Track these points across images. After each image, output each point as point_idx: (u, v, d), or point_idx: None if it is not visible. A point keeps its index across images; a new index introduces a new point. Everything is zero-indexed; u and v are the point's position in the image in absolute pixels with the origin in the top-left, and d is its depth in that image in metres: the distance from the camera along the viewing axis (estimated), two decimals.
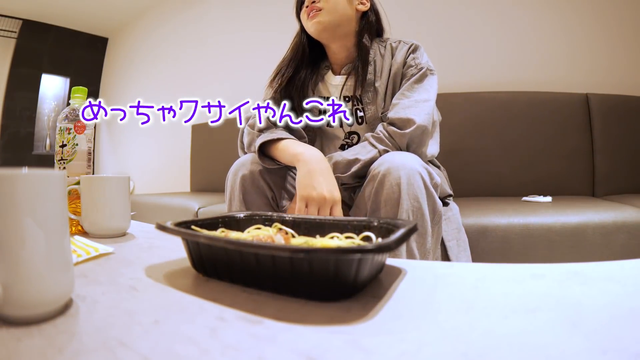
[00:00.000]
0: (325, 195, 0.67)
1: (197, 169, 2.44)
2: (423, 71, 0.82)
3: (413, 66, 0.83)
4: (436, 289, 0.34)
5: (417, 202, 0.64)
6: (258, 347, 0.22)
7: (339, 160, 0.75)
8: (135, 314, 0.28)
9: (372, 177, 0.68)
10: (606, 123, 1.50)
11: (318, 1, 0.83)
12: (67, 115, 0.68)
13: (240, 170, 0.81)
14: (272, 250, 0.30)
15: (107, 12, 3.23)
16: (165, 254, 0.48)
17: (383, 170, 0.66)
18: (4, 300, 0.25)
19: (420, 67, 0.83)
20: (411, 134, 0.73)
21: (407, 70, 0.84)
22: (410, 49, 0.86)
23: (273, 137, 0.78)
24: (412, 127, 0.73)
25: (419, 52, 0.86)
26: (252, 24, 2.43)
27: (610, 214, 1.00)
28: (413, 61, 0.84)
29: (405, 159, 0.67)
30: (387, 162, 0.66)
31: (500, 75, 1.70)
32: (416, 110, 0.75)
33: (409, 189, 0.64)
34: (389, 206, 0.65)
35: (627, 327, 0.24)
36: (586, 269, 0.36)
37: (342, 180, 0.75)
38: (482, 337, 0.23)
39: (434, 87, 0.82)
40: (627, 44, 1.58)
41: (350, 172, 0.74)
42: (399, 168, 0.64)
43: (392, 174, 0.64)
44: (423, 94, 0.79)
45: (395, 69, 0.85)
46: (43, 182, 0.27)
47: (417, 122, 0.73)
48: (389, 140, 0.75)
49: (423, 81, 0.82)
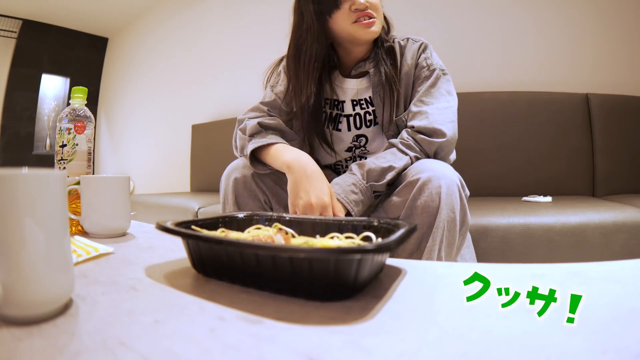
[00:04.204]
0: (312, 202, 0.67)
1: (197, 169, 2.44)
2: (436, 73, 0.80)
3: (425, 67, 0.81)
4: (436, 289, 0.34)
5: (453, 212, 0.64)
6: (258, 347, 0.22)
7: (372, 168, 0.73)
8: (135, 314, 0.28)
9: (409, 183, 0.67)
10: (606, 123, 1.50)
11: (369, 7, 0.78)
12: (67, 115, 0.68)
13: (232, 173, 0.81)
14: (272, 250, 0.30)
15: (107, 12, 3.23)
16: (165, 254, 0.48)
17: (424, 178, 0.65)
18: (4, 300, 0.25)
19: (433, 68, 0.81)
20: (440, 144, 0.74)
21: (419, 71, 0.82)
22: (420, 48, 0.83)
23: (264, 142, 0.78)
24: (442, 139, 0.73)
25: (429, 50, 0.83)
26: (252, 24, 2.43)
27: (610, 214, 1.00)
28: (425, 62, 0.81)
29: (444, 168, 0.67)
30: (428, 170, 0.66)
31: (500, 75, 1.70)
32: (442, 118, 0.75)
33: (448, 199, 0.64)
34: (426, 214, 0.64)
35: (627, 327, 0.24)
36: (586, 269, 0.36)
37: (376, 188, 0.73)
38: (482, 337, 0.23)
39: (452, 91, 0.81)
40: (628, 44, 1.58)
41: (385, 181, 0.72)
42: (440, 177, 0.64)
43: (433, 182, 0.64)
44: (442, 100, 0.78)
45: (407, 70, 0.82)
46: (43, 182, 0.27)
47: (448, 135, 0.74)
48: (418, 147, 0.74)
49: (438, 84, 0.80)
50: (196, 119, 2.56)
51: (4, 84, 3.10)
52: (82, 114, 0.69)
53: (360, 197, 0.72)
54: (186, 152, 2.55)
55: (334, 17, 0.78)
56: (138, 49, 3.31)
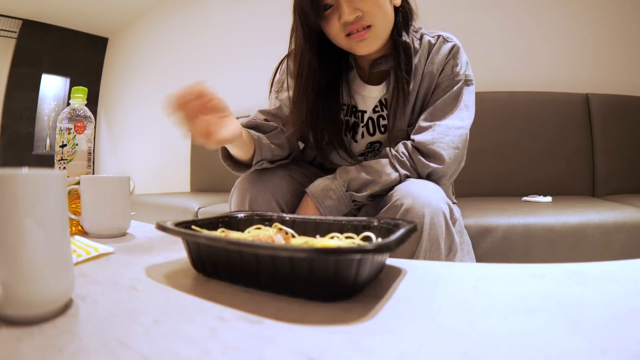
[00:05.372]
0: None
1: (197, 169, 2.44)
2: (460, 85, 0.72)
3: (450, 75, 0.73)
4: (436, 289, 0.34)
5: (437, 242, 0.61)
6: (258, 347, 0.22)
7: (355, 178, 0.69)
8: (135, 314, 0.28)
9: (392, 206, 0.63)
10: (606, 123, 1.50)
11: (362, 16, 0.66)
12: (67, 115, 0.68)
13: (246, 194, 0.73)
14: (272, 250, 0.30)
15: (107, 12, 3.23)
16: (165, 254, 0.48)
17: (407, 204, 0.61)
18: (4, 300, 0.25)
19: (458, 79, 0.72)
20: (435, 169, 0.69)
21: (443, 78, 0.73)
22: (451, 53, 0.73)
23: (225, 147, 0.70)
24: (439, 165, 0.69)
25: (459, 56, 0.74)
26: (252, 24, 2.44)
27: (610, 214, 1.00)
28: (451, 69, 0.73)
29: (430, 194, 0.62)
30: (412, 196, 0.61)
31: (500, 75, 1.70)
32: (447, 141, 0.69)
33: (431, 230, 0.60)
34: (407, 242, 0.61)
35: (627, 327, 0.24)
36: (586, 269, 0.36)
37: (356, 198, 0.70)
38: (482, 337, 0.23)
39: (470, 105, 0.73)
40: (628, 44, 1.58)
41: (365, 193, 0.70)
42: (424, 205, 0.60)
43: (416, 210, 0.60)
44: (456, 118, 0.71)
45: (431, 71, 0.74)
46: (43, 182, 0.27)
47: (446, 162, 0.68)
48: (411, 166, 0.70)
49: (458, 98, 0.72)
50: None
51: (4, 84, 3.11)
52: (82, 114, 0.69)
53: (335, 203, 0.70)
54: (186, 152, 2.55)
55: (325, 29, 0.70)
56: (138, 49, 3.31)
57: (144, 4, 3.10)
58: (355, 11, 0.66)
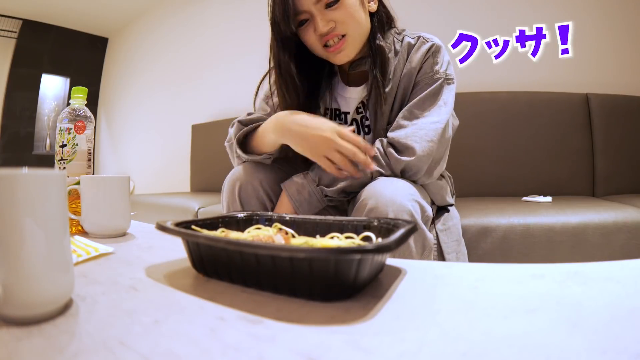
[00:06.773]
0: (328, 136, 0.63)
1: (197, 169, 2.44)
2: (439, 82, 0.72)
3: (429, 73, 0.73)
4: (436, 289, 0.34)
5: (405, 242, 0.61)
6: (258, 347, 0.22)
7: (326, 173, 0.70)
8: (135, 314, 0.28)
9: (359, 207, 0.63)
10: (606, 123, 1.50)
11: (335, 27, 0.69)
12: (67, 115, 0.68)
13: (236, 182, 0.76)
14: (272, 250, 0.30)
15: (107, 12, 3.23)
16: (165, 254, 0.48)
17: (370, 204, 0.61)
18: (4, 300, 0.25)
19: (437, 77, 0.72)
20: (408, 162, 0.67)
21: (421, 76, 0.74)
22: (429, 51, 0.74)
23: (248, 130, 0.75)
24: (410, 157, 0.67)
25: (440, 55, 0.74)
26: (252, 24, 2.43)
27: (611, 214, 1.00)
28: (430, 67, 0.73)
29: (395, 193, 0.62)
30: (376, 197, 0.61)
31: (500, 75, 1.70)
32: (420, 135, 0.68)
33: None
34: None
35: (627, 327, 0.24)
36: (586, 269, 0.36)
37: (327, 193, 0.70)
38: (482, 337, 0.23)
39: (448, 103, 0.73)
40: (628, 44, 1.58)
41: (336, 188, 0.69)
42: (387, 204, 0.60)
43: (380, 210, 0.60)
44: (434, 114, 0.71)
45: (409, 71, 0.74)
46: (43, 182, 0.27)
47: (417, 153, 0.67)
48: (385, 162, 0.69)
49: (437, 96, 0.72)
50: (196, 119, 2.56)
51: (4, 84, 3.11)
52: (82, 114, 0.69)
53: (307, 198, 0.71)
54: (186, 152, 2.55)
55: (304, 40, 0.73)
56: (138, 49, 3.31)
57: (144, 4, 3.10)
58: (329, 23, 0.69)
